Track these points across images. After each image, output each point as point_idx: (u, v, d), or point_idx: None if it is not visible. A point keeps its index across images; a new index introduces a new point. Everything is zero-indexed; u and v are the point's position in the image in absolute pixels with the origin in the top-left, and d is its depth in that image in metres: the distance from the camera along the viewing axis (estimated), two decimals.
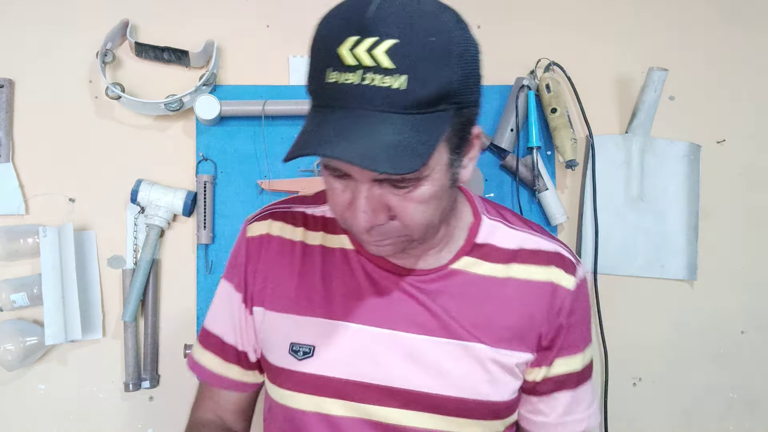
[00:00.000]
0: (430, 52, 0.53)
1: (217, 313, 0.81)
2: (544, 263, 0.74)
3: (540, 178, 1.24)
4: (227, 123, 1.23)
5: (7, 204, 1.18)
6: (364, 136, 0.52)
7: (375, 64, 0.52)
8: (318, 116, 0.56)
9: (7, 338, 1.10)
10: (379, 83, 0.52)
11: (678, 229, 1.32)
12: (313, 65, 0.57)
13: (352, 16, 0.54)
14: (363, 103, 0.53)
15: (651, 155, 1.32)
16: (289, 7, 1.28)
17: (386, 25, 0.52)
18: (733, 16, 1.39)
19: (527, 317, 0.73)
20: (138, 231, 1.20)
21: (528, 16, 1.34)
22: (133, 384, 1.16)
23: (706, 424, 1.33)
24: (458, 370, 0.70)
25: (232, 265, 0.80)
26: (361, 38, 0.52)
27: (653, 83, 1.26)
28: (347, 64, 0.53)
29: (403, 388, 0.70)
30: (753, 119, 1.38)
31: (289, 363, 0.72)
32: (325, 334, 0.71)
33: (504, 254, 0.74)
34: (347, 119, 0.53)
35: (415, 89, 0.53)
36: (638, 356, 1.31)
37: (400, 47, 0.52)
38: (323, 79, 0.55)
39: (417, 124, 0.54)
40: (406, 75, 0.52)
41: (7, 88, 1.19)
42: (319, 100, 0.57)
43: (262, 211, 0.81)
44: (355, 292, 0.72)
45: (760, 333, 1.36)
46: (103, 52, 1.18)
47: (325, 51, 0.55)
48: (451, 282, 0.72)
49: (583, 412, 0.78)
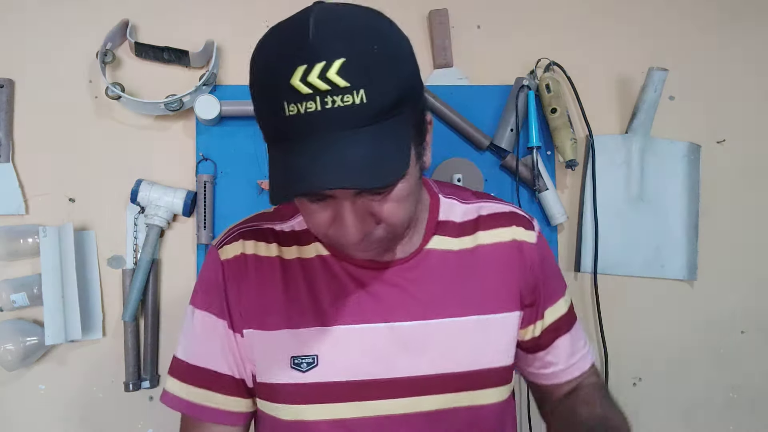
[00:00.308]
0: (378, 61, 0.55)
1: (199, 344, 0.76)
2: (504, 224, 0.78)
3: (540, 178, 1.24)
4: (227, 123, 1.23)
5: (7, 204, 1.18)
6: (342, 159, 0.53)
7: (330, 87, 0.53)
8: (288, 151, 0.56)
9: (7, 338, 1.10)
10: (340, 103, 0.53)
11: (678, 229, 1.32)
12: (265, 102, 0.57)
13: (292, 46, 0.55)
14: (330, 126, 0.54)
15: (651, 155, 1.32)
16: (289, 7, 1.27)
17: (329, 46, 0.53)
18: (733, 16, 1.39)
19: (504, 277, 0.76)
20: (138, 231, 1.20)
21: (528, 16, 1.34)
22: (133, 384, 1.16)
23: (706, 424, 1.33)
24: (458, 345, 0.73)
25: (206, 293, 0.76)
26: (309, 66, 0.53)
27: (653, 83, 1.26)
28: (304, 93, 0.53)
29: (409, 376, 0.71)
30: (753, 119, 1.38)
31: (293, 377, 0.71)
32: (324, 342, 0.71)
33: (466, 227, 0.78)
34: (320, 145, 0.54)
35: (375, 99, 0.54)
36: (638, 356, 1.31)
37: (350, 64, 0.53)
38: (283, 114, 0.55)
39: (385, 131, 0.55)
40: (362, 88, 0.53)
41: (7, 88, 1.19)
42: (282, 134, 0.57)
43: (229, 233, 0.78)
44: (342, 294, 0.73)
45: (760, 333, 1.36)
46: (103, 52, 1.18)
47: (275, 86, 0.55)
48: (429, 263, 0.75)
49: (583, 348, 0.84)
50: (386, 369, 0.71)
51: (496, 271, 0.76)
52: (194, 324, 0.76)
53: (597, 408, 0.76)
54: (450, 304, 0.73)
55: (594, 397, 0.79)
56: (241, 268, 0.74)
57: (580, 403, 0.78)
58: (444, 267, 0.75)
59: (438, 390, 0.72)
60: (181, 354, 0.77)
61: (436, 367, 0.72)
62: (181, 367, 0.76)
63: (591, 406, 0.77)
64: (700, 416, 1.33)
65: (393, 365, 0.71)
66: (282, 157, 0.57)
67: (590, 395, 0.80)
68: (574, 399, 0.80)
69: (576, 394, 0.82)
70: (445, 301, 0.73)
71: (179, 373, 0.76)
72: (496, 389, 0.75)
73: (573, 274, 1.31)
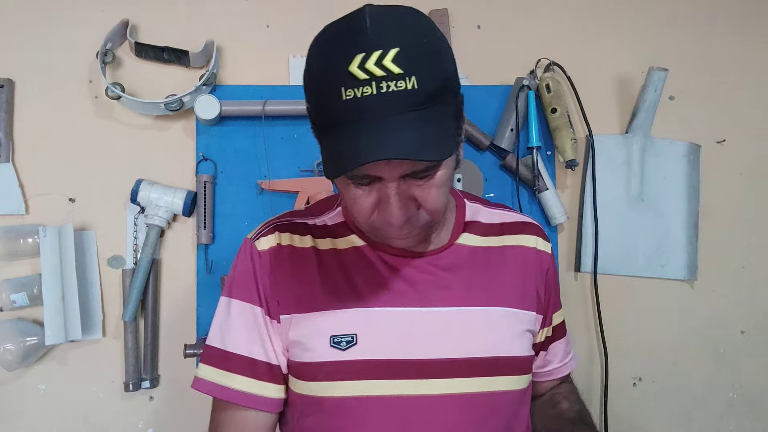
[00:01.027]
0: (427, 52, 0.62)
1: (236, 332, 0.79)
2: (528, 232, 0.87)
3: (540, 178, 1.24)
4: (227, 123, 1.23)
5: (7, 204, 1.18)
6: (400, 136, 0.59)
7: (386, 73, 0.59)
8: (347, 131, 0.61)
9: (7, 338, 1.10)
10: (394, 88, 0.59)
11: (678, 229, 1.32)
12: (321, 88, 0.63)
13: (350, 37, 0.61)
14: (384, 109, 0.60)
15: (651, 155, 1.32)
16: (289, 7, 1.28)
17: (385, 37, 0.60)
18: (733, 16, 1.39)
19: (526, 277, 0.83)
20: (138, 231, 1.20)
21: (528, 16, 1.34)
22: (133, 384, 1.16)
23: (706, 424, 1.33)
24: (488, 333, 0.78)
25: (242, 283, 0.79)
26: (367, 54, 0.59)
27: (653, 83, 1.26)
28: (361, 79, 0.59)
29: (443, 358, 0.75)
30: (753, 119, 1.38)
31: (333, 355, 0.74)
32: (363, 322, 0.75)
33: (492, 228, 0.85)
34: (377, 126, 0.60)
35: (424, 86, 0.60)
36: (638, 356, 1.31)
37: (403, 53, 0.59)
38: (339, 98, 0.60)
39: (432, 116, 0.61)
40: (414, 75, 0.59)
41: (7, 88, 1.19)
42: (336, 119, 0.62)
43: (264, 227, 0.83)
44: (378, 280, 0.77)
45: (760, 333, 1.36)
46: (103, 52, 1.18)
47: (333, 73, 0.61)
48: (459, 255, 0.80)
49: (570, 353, 0.97)
50: (422, 350, 0.75)
51: (520, 271, 0.83)
52: (230, 313, 0.79)
53: (575, 404, 0.91)
54: (480, 294, 0.79)
55: (572, 394, 0.94)
56: (277, 259, 0.79)
57: (561, 398, 0.93)
58: (473, 260, 0.81)
59: (468, 373, 0.76)
60: (216, 342, 0.79)
61: (468, 351, 0.76)
62: (217, 354, 0.79)
63: (570, 401, 0.92)
64: (700, 416, 1.33)
65: (428, 347, 0.75)
66: (338, 138, 0.62)
67: (569, 392, 0.95)
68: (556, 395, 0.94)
69: (557, 389, 0.95)
70: (476, 292, 0.79)
71: (215, 360, 0.78)
72: (518, 377, 0.80)
73: (573, 274, 1.31)
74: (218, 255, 1.21)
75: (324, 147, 0.66)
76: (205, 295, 1.20)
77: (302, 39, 1.27)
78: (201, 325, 1.20)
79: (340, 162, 0.61)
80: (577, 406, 0.91)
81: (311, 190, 1.20)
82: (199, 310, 1.20)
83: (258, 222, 1.21)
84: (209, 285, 1.20)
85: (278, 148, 1.23)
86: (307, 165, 1.23)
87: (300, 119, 1.24)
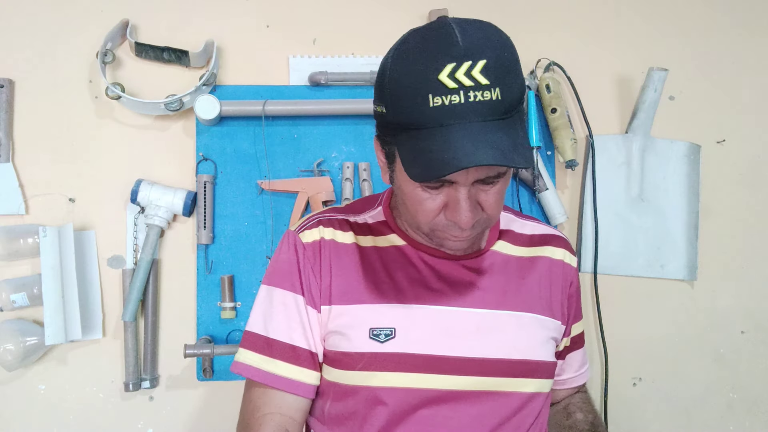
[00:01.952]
0: (509, 65, 0.65)
1: (277, 319, 0.81)
2: (555, 245, 0.90)
3: (540, 178, 1.24)
4: (227, 123, 1.23)
5: (7, 204, 1.18)
6: (491, 142, 0.63)
7: (474, 84, 0.62)
8: (434, 136, 0.64)
9: (7, 338, 1.10)
10: (480, 98, 0.63)
11: (678, 229, 1.32)
12: (406, 94, 0.65)
13: (441, 46, 0.63)
14: (471, 117, 0.63)
15: (651, 155, 1.32)
16: (289, 7, 1.28)
17: (475, 49, 0.63)
18: (733, 16, 1.39)
19: (553, 288, 0.86)
20: (138, 231, 1.20)
21: (528, 16, 1.34)
22: (133, 384, 1.16)
23: (706, 424, 1.33)
24: (519, 336, 0.81)
25: (284, 272, 0.82)
26: (458, 64, 0.62)
27: (653, 83, 1.26)
28: (450, 88, 0.62)
29: (478, 357, 0.78)
30: (753, 119, 1.38)
31: (371, 346, 0.77)
32: (402, 317, 0.78)
33: (524, 239, 0.89)
34: (465, 133, 0.63)
35: (507, 97, 0.64)
36: (638, 356, 1.31)
37: (490, 66, 0.63)
38: (426, 105, 0.63)
39: (513, 125, 0.66)
40: (498, 87, 0.63)
41: (7, 88, 1.19)
42: (424, 123, 0.65)
43: (308, 220, 0.86)
44: (419, 278, 0.80)
45: (760, 333, 1.36)
46: (103, 52, 1.18)
47: (421, 81, 0.63)
48: (495, 261, 0.84)
49: (585, 363, 0.99)
50: (458, 348, 0.78)
51: (548, 282, 0.86)
52: (273, 301, 0.82)
53: (588, 414, 0.93)
54: (512, 299, 0.82)
55: (586, 404, 0.96)
56: (320, 251, 0.81)
57: (575, 408, 0.95)
58: (506, 267, 0.84)
59: (501, 373, 0.78)
60: (258, 329, 0.81)
61: (502, 352, 0.79)
62: (258, 339, 0.81)
63: (584, 412, 0.94)
64: (700, 416, 1.33)
65: (464, 345, 0.78)
66: (425, 142, 0.65)
67: (583, 402, 0.97)
68: (570, 404, 0.96)
69: (572, 399, 0.98)
70: (509, 297, 0.82)
71: (256, 345, 0.81)
72: (545, 381, 0.83)
73: None
74: (218, 255, 1.21)
75: (403, 149, 0.68)
76: (205, 295, 1.20)
77: (302, 39, 1.28)
78: (201, 325, 1.20)
79: (432, 166, 0.63)
80: (591, 417, 0.94)
81: (311, 190, 1.20)
82: (199, 310, 1.20)
83: (258, 222, 1.22)
84: (209, 285, 1.20)
85: (278, 148, 1.23)
86: (307, 165, 1.23)
87: (300, 119, 1.24)
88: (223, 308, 1.19)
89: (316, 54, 1.27)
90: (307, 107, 1.21)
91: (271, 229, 1.21)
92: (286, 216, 1.22)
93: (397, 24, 1.29)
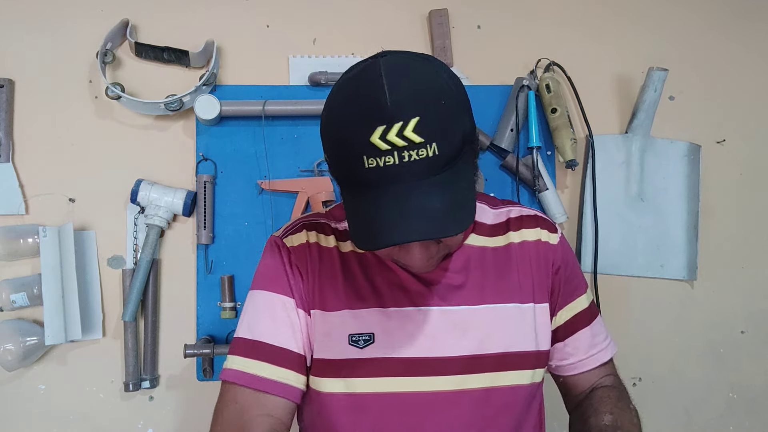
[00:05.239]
0: (446, 116, 0.62)
1: (266, 323, 0.79)
2: (531, 226, 0.86)
3: (540, 178, 1.24)
4: (227, 123, 1.23)
5: (7, 204, 1.18)
6: (423, 209, 0.61)
7: (407, 143, 0.60)
8: (368, 198, 0.63)
9: (7, 338, 1.10)
10: (415, 156, 0.60)
11: (678, 229, 1.32)
12: (343, 156, 0.64)
13: (370, 108, 0.61)
14: (407, 177, 0.61)
15: (651, 155, 1.32)
16: (289, 7, 1.28)
17: (405, 108, 0.60)
18: (733, 16, 1.39)
19: (533, 272, 0.83)
20: (138, 231, 1.20)
21: (528, 16, 1.34)
22: (133, 384, 1.16)
23: (706, 424, 1.33)
24: (499, 329, 0.79)
25: (271, 276, 0.81)
26: (388, 126, 0.60)
27: (653, 83, 1.26)
28: (383, 149, 0.60)
29: (457, 355, 0.77)
30: (753, 119, 1.38)
31: (351, 353, 0.76)
32: (380, 322, 0.78)
33: (498, 228, 0.86)
34: (400, 195, 0.61)
35: (445, 150, 0.61)
36: (638, 356, 1.31)
37: (423, 122, 0.60)
38: (361, 166, 0.62)
39: (454, 176, 0.63)
40: (434, 142, 0.60)
41: (7, 88, 1.19)
42: (360, 183, 0.64)
43: (292, 225, 0.85)
44: (397, 281, 0.80)
45: (760, 333, 1.36)
46: (103, 52, 1.18)
47: (354, 143, 0.62)
48: (471, 255, 0.82)
49: (603, 342, 0.89)
50: (437, 348, 0.77)
51: (526, 266, 0.83)
52: (261, 305, 0.80)
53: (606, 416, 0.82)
54: (490, 292, 0.80)
55: (604, 403, 0.84)
56: (306, 255, 0.81)
57: (592, 411, 0.83)
58: (482, 260, 0.82)
59: (481, 369, 0.77)
60: (245, 333, 0.79)
61: (481, 347, 0.78)
62: (246, 344, 0.79)
63: (600, 415, 0.82)
64: (700, 416, 1.33)
65: (443, 345, 0.77)
66: (362, 205, 0.64)
67: (601, 401, 0.85)
68: (587, 406, 0.85)
69: (589, 399, 0.87)
70: (486, 290, 0.80)
71: (244, 350, 0.78)
72: (530, 372, 0.80)
73: None
74: (218, 255, 1.21)
75: (345, 202, 0.68)
76: (205, 295, 1.20)
77: (302, 39, 1.28)
78: (201, 325, 1.20)
79: (360, 237, 0.63)
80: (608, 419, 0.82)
81: (311, 190, 1.20)
82: (199, 310, 1.20)
83: (258, 222, 1.22)
84: (209, 285, 1.20)
85: (278, 148, 1.23)
86: (307, 165, 1.23)
87: (300, 119, 1.24)
88: (223, 308, 1.19)
89: (316, 54, 1.27)
90: (307, 107, 1.21)
91: (271, 229, 1.21)
92: (286, 216, 1.22)
93: (397, 24, 1.29)
